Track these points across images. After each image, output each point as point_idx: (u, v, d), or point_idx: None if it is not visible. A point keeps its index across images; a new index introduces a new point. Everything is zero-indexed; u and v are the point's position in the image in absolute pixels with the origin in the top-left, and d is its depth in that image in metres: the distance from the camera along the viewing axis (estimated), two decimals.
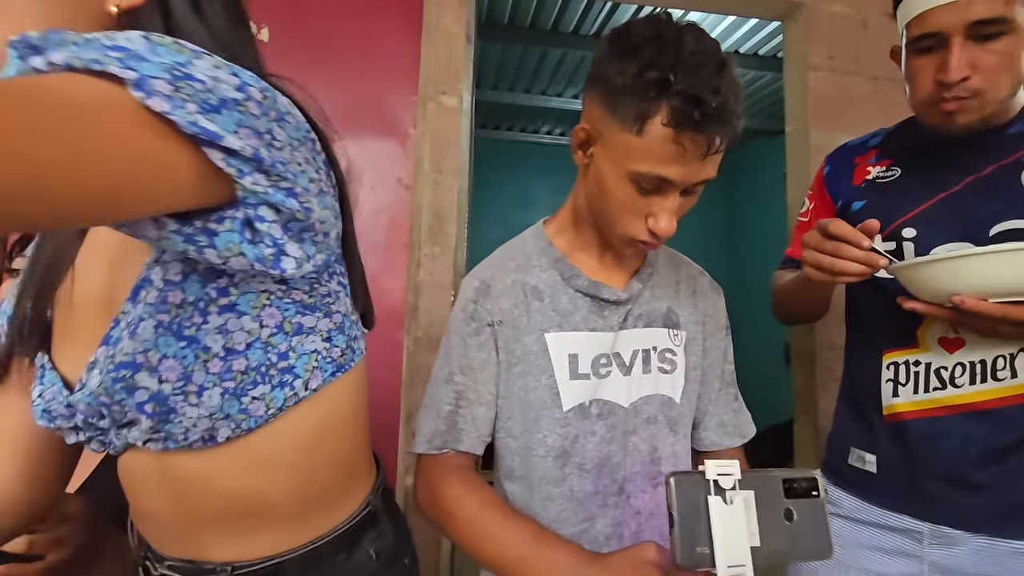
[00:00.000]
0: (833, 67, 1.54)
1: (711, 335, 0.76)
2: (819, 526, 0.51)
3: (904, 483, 0.81)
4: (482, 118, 4.70)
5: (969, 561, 0.75)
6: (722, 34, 3.13)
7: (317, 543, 0.52)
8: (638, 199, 0.59)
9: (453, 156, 1.41)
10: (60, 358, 0.47)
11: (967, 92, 0.73)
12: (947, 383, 0.77)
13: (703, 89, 0.52)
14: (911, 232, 0.80)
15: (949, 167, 0.81)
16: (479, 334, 0.67)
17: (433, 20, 1.44)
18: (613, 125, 0.57)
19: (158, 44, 0.35)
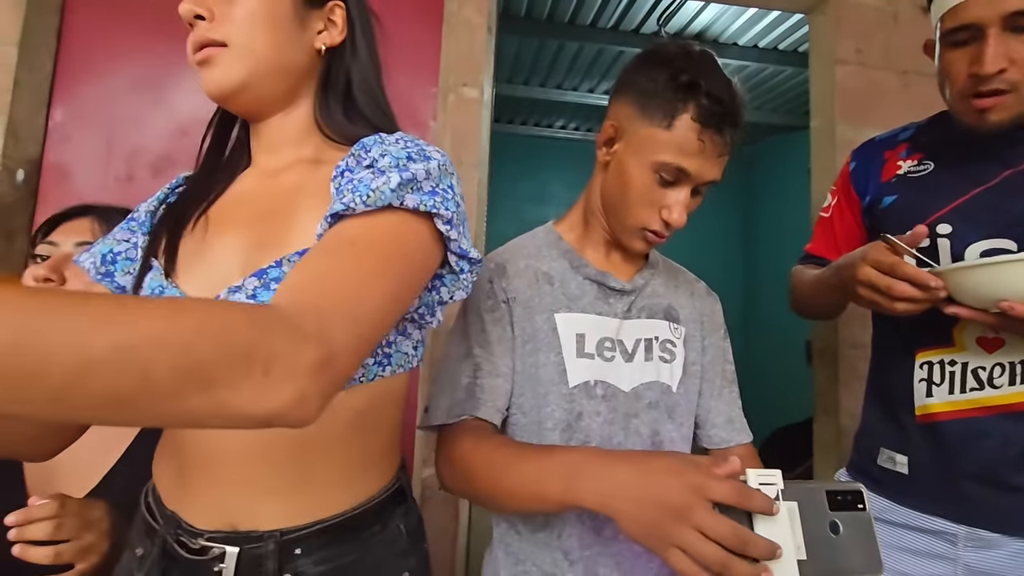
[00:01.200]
0: (861, 61, 1.51)
1: (709, 335, 0.80)
2: (867, 540, 0.49)
3: (938, 484, 0.79)
4: (497, 111, 4.67)
5: (1006, 565, 0.73)
6: (742, 28, 3.09)
7: (357, 510, 0.54)
8: (656, 190, 0.67)
9: (473, 148, 1.41)
10: (185, 278, 0.54)
11: (1005, 84, 0.72)
12: (985, 383, 0.75)
13: (725, 95, 0.63)
14: (946, 228, 0.78)
15: (985, 161, 0.79)
16: (495, 310, 0.70)
17: (454, 10, 1.43)
18: (642, 121, 0.66)
19: (447, 178, 0.52)
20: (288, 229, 0.54)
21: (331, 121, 0.60)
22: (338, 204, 0.46)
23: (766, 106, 4.19)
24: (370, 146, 0.54)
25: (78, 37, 1.35)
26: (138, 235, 0.61)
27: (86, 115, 1.34)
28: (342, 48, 0.61)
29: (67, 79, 1.34)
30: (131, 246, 0.61)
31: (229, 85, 0.55)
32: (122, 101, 1.35)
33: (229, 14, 0.54)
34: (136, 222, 0.62)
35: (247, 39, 0.54)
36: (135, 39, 1.35)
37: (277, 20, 0.56)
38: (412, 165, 0.49)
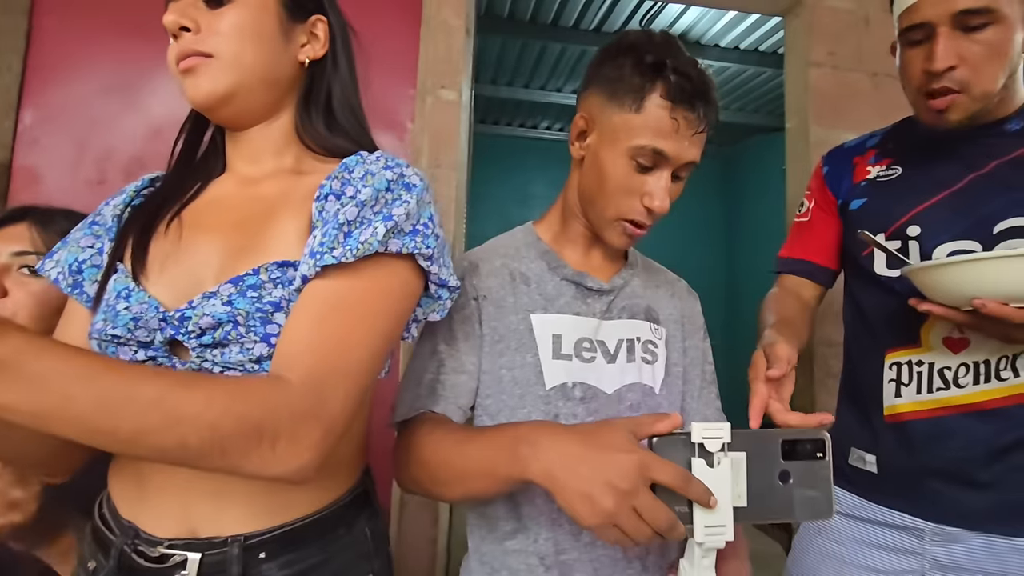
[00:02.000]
0: (834, 63, 1.53)
1: (690, 336, 0.79)
2: (820, 487, 0.49)
3: (906, 482, 0.81)
4: (480, 113, 4.68)
5: (971, 558, 0.75)
6: (722, 30, 3.12)
7: (321, 513, 0.54)
8: (635, 177, 0.65)
9: (452, 150, 1.41)
10: (156, 281, 0.54)
11: (954, 84, 0.73)
12: (950, 383, 0.77)
13: (692, 71, 0.62)
14: (916, 230, 0.80)
15: (951, 164, 0.81)
16: (464, 308, 0.69)
17: (432, 13, 1.42)
18: (612, 109, 0.65)
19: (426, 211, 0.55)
20: (266, 237, 0.55)
21: (312, 133, 0.62)
22: (330, 257, 0.48)
23: (747, 107, 4.24)
24: (352, 167, 0.56)
25: (47, 39, 1.32)
26: (103, 240, 0.59)
27: (56, 118, 1.31)
28: (324, 61, 0.62)
29: (36, 81, 1.31)
30: (95, 252, 0.59)
31: (215, 95, 0.55)
32: (93, 103, 1.32)
33: (215, 26, 0.54)
34: (101, 226, 0.60)
35: (235, 51, 0.55)
36: (106, 41, 1.33)
37: (264, 33, 0.56)
38: (395, 209, 0.52)
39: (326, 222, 0.51)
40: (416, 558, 1.32)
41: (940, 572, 0.77)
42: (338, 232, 0.50)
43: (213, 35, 0.54)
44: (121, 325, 0.50)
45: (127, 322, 0.50)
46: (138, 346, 0.50)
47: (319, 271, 0.49)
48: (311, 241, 0.51)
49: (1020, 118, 0.78)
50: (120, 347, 0.50)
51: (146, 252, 0.55)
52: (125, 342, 0.50)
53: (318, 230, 0.51)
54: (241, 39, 0.55)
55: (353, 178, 0.55)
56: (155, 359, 0.51)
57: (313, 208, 0.54)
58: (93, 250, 0.58)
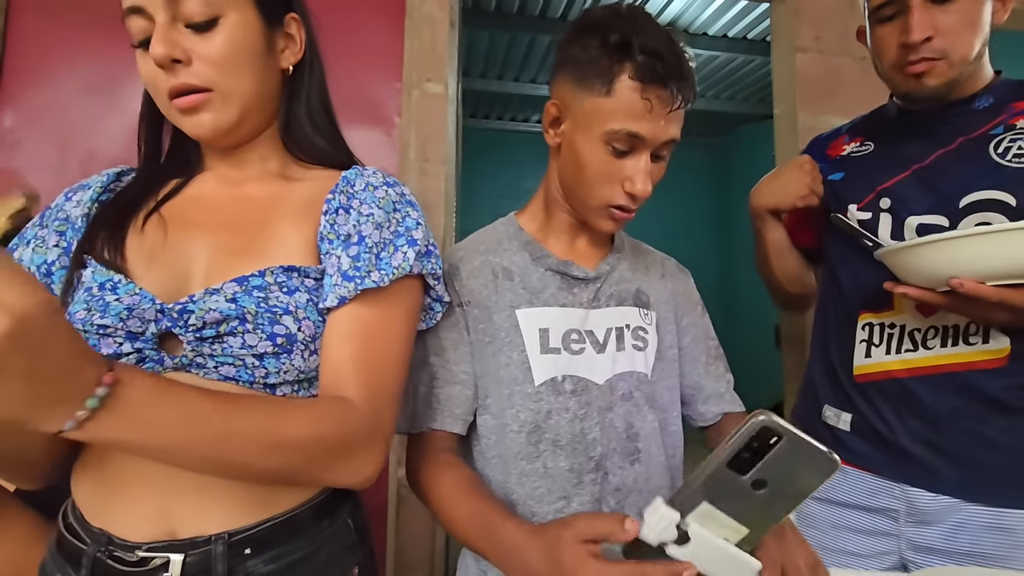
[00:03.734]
0: (820, 48, 1.53)
1: (686, 314, 0.78)
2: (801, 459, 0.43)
3: (877, 443, 0.82)
4: (471, 107, 4.66)
5: (945, 539, 0.76)
6: (710, 18, 3.11)
7: (305, 506, 0.54)
8: (612, 162, 0.63)
9: (440, 144, 1.40)
10: (143, 275, 0.53)
11: (933, 53, 0.74)
12: (919, 345, 0.78)
13: (662, 48, 0.59)
14: (887, 203, 0.81)
15: (920, 141, 0.82)
16: (450, 315, 0.68)
17: (416, 5, 1.41)
18: (582, 94, 0.63)
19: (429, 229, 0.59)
20: (266, 240, 0.55)
21: (298, 138, 0.62)
22: (369, 282, 0.53)
23: (737, 96, 4.24)
24: (354, 180, 0.58)
25: (25, 39, 1.30)
26: (71, 241, 0.57)
27: (36, 119, 1.30)
28: (302, 64, 0.62)
29: (15, 83, 1.30)
30: (62, 252, 0.57)
31: (223, 128, 0.55)
32: (74, 104, 1.31)
33: (205, 54, 0.52)
34: (66, 223, 0.58)
35: (232, 82, 0.54)
36: (86, 40, 1.31)
37: (253, 53, 0.55)
38: (416, 233, 0.57)
39: (349, 244, 0.54)
40: (416, 551, 1.32)
41: (916, 553, 0.78)
42: (370, 255, 0.54)
43: (206, 65, 0.52)
44: (112, 315, 0.49)
45: (119, 312, 0.49)
46: (125, 337, 0.49)
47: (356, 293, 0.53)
48: (337, 263, 0.54)
49: (988, 95, 0.80)
50: (103, 338, 0.49)
51: (122, 246, 0.54)
52: (111, 333, 0.49)
53: (340, 249, 0.54)
54: (235, 67, 0.54)
55: (357, 191, 0.57)
56: (141, 352, 0.50)
57: (323, 220, 0.56)
58: (59, 250, 0.56)
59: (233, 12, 0.54)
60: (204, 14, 0.52)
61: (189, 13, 0.52)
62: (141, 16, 0.52)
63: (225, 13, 0.53)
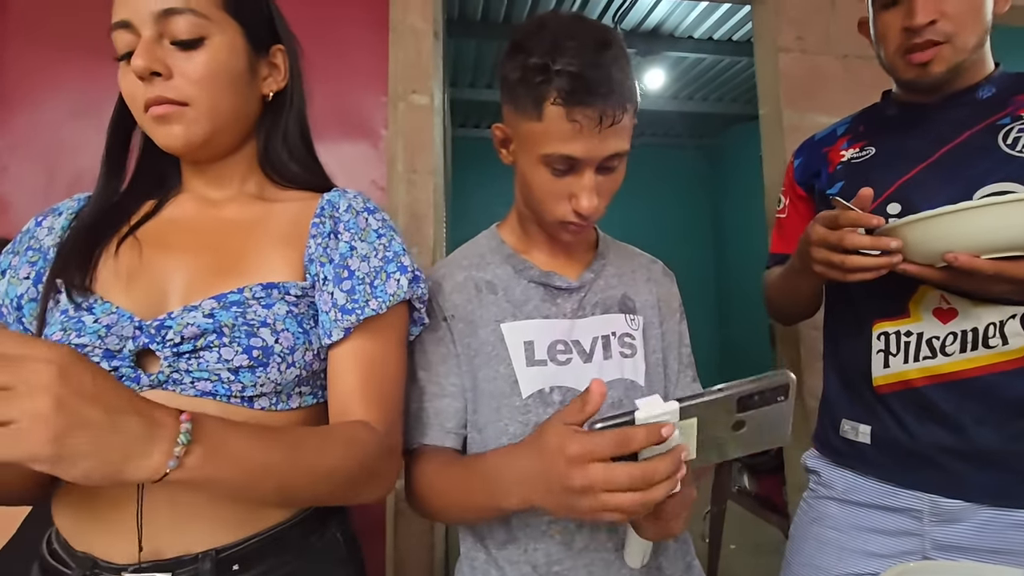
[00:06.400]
0: (803, 48, 1.54)
1: (666, 319, 0.78)
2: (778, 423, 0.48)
3: (899, 454, 0.80)
4: (461, 117, 4.68)
5: (971, 536, 0.74)
6: (695, 21, 3.14)
7: (293, 520, 0.55)
8: (556, 182, 0.62)
9: (427, 155, 1.40)
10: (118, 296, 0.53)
11: (938, 35, 0.74)
12: (938, 352, 0.76)
13: (582, 66, 0.57)
14: (896, 208, 0.79)
15: (924, 137, 0.81)
16: (436, 330, 0.69)
17: (400, 17, 1.42)
18: (518, 118, 0.62)
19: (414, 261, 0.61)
20: (248, 261, 0.56)
21: (277, 162, 0.63)
22: (369, 310, 0.55)
23: (726, 97, 4.27)
24: (337, 203, 0.61)
25: (12, 66, 1.31)
26: (41, 272, 0.57)
27: (25, 144, 1.30)
28: (284, 91, 0.63)
29: (3, 108, 1.30)
30: (31, 284, 0.56)
31: (192, 144, 0.56)
32: (61, 128, 1.31)
33: (187, 71, 0.53)
34: (37, 252, 0.57)
35: (209, 100, 0.54)
36: (73, 65, 1.32)
37: (234, 76, 0.56)
38: (404, 260, 0.60)
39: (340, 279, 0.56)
40: (414, 564, 1.31)
41: (940, 552, 0.76)
42: (364, 286, 0.56)
43: (186, 81, 0.53)
44: (90, 333, 0.49)
45: (97, 330, 0.49)
46: (103, 355, 0.49)
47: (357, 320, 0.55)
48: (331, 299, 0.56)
49: (991, 84, 0.79)
50: None
51: (94, 268, 0.54)
52: (89, 352, 0.49)
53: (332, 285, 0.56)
54: (215, 86, 0.55)
55: (341, 215, 0.60)
56: (118, 370, 0.50)
57: (311, 243, 0.58)
58: (29, 282, 0.56)
59: (220, 35, 0.55)
60: (190, 33, 0.53)
61: (176, 31, 0.53)
62: (128, 31, 0.53)
63: (212, 35, 0.54)
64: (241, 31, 0.57)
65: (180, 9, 0.52)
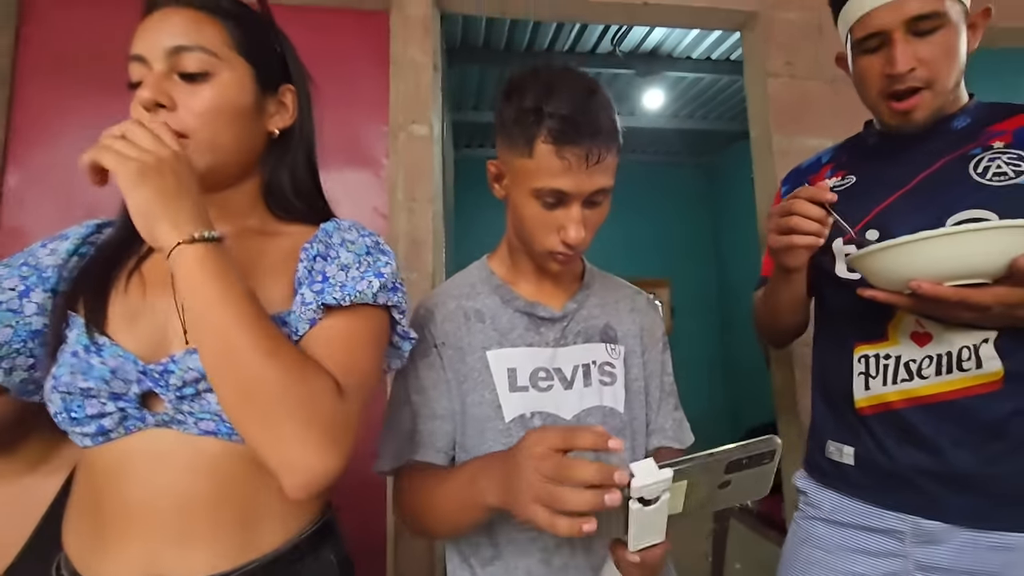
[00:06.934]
0: (792, 72, 1.58)
1: (648, 348, 0.81)
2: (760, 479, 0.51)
3: (881, 475, 0.82)
4: (465, 139, 4.76)
5: (952, 558, 0.75)
6: (691, 43, 3.20)
7: (288, 545, 0.56)
8: (546, 215, 0.67)
9: (426, 183, 1.44)
10: (123, 337, 0.55)
11: (918, 82, 0.78)
12: (914, 374, 0.78)
13: (572, 110, 0.63)
14: (874, 234, 0.82)
15: (901, 166, 0.84)
16: (427, 355, 0.72)
17: (400, 51, 1.48)
18: (512, 155, 0.67)
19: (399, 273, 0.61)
20: None
21: (280, 198, 0.65)
22: (330, 298, 0.55)
23: (724, 116, 4.32)
24: (331, 232, 0.62)
25: (30, 104, 1.37)
26: (32, 288, 0.57)
27: (41, 178, 1.36)
28: (291, 129, 0.65)
29: (20, 145, 1.36)
30: (16, 296, 0.56)
31: None
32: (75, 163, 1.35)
33: (191, 104, 0.55)
34: (32, 269, 0.58)
35: (210, 134, 0.56)
36: (86, 101, 1.38)
37: (240, 113, 0.58)
38: (383, 269, 0.59)
39: (315, 281, 0.57)
40: None
41: (924, 573, 0.77)
42: (335, 284, 0.56)
43: (189, 114, 0.55)
44: (96, 377, 0.51)
45: (103, 374, 0.51)
46: (108, 397, 0.52)
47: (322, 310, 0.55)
48: (304, 295, 0.56)
49: (965, 115, 0.82)
50: (88, 399, 0.52)
51: (106, 306, 0.55)
52: (95, 394, 0.52)
53: (306, 287, 0.56)
54: (217, 121, 0.56)
55: (333, 242, 0.60)
56: (124, 410, 0.52)
57: (300, 268, 0.58)
58: (14, 293, 0.56)
59: (228, 72, 0.57)
60: (198, 68, 0.55)
61: (185, 66, 0.55)
62: (142, 64, 0.56)
63: (219, 71, 0.56)
64: (250, 70, 0.59)
65: (190, 46, 0.55)
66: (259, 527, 0.55)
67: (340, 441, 0.49)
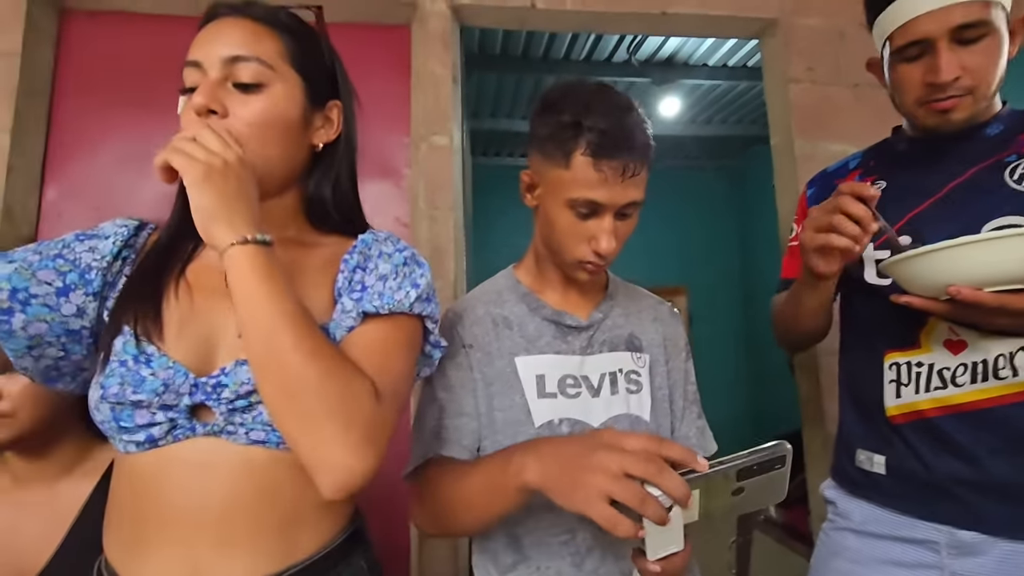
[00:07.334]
0: (813, 78, 1.57)
1: (672, 358, 0.82)
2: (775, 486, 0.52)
3: (915, 485, 0.80)
4: (483, 146, 4.79)
5: (991, 570, 0.74)
6: (708, 51, 3.19)
7: (323, 551, 0.57)
8: (579, 224, 0.69)
9: (447, 192, 1.46)
10: (173, 345, 0.55)
11: (960, 91, 0.76)
12: (948, 382, 0.77)
13: (609, 124, 0.65)
14: (906, 240, 0.81)
15: (933, 173, 0.83)
16: (455, 356, 0.74)
17: (421, 65, 1.50)
18: (548, 166, 0.69)
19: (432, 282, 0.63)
20: None
21: (321, 211, 0.66)
22: (369, 306, 0.56)
23: (745, 120, 4.29)
24: (370, 243, 0.63)
25: (67, 119, 1.43)
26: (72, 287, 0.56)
27: (77, 192, 1.41)
28: (336, 144, 0.66)
29: (58, 159, 1.41)
30: (53, 292, 0.55)
31: None
32: (111, 175, 1.41)
33: (243, 114, 0.55)
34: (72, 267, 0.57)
35: (259, 147, 0.56)
36: (122, 117, 1.43)
37: (287, 126, 0.58)
38: (420, 280, 0.60)
39: (354, 290, 0.58)
40: None
41: None
42: (373, 293, 0.57)
43: (240, 123, 0.55)
44: (148, 391, 0.52)
45: (156, 387, 0.52)
46: (159, 408, 0.52)
47: (361, 318, 0.56)
48: (344, 304, 0.57)
49: (999, 122, 0.81)
50: (138, 410, 0.52)
51: (159, 315, 0.56)
52: (147, 406, 0.52)
53: (346, 296, 0.58)
54: (266, 132, 0.57)
55: (372, 254, 0.62)
56: (174, 420, 0.53)
57: (340, 279, 0.60)
58: (51, 289, 0.55)
59: (281, 84, 0.58)
60: (252, 78, 0.56)
61: (240, 75, 0.56)
62: (198, 69, 0.57)
63: (272, 83, 0.57)
64: (302, 84, 0.60)
65: (247, 57, 0.56)
66: (297, 534, 0.56)
67: (376, 442, 0.50)
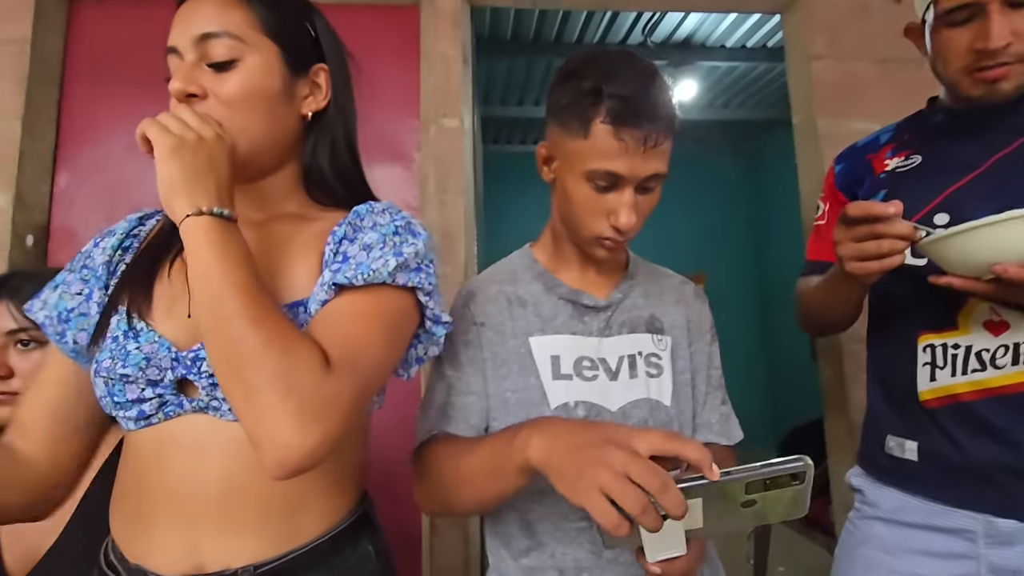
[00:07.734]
0: (837, 54, 1.51)
1: (695, 340, 0.78)
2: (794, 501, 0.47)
3: (949, 471, 0.77)
4: (493, 133, 4.75)
5: None
6: (726, 31, 3.11)
7: (327, 535, 0.56)
8: (597, 198, 0.65)
9: (457, 176, 1.44)
10: (164, 322, 0.56)
11: (1011, 57, 0.73)
12: (987, 364, 0.74)
13: (632, 90, 0.62)
14: (944, 218, 0.76)
15: (973, 145, 0.78)
16: (466, 333, 0.72)
17: (430, 46, 1.47)
18: (566, 137, 0.66)
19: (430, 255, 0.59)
20: (278, 281, 0.57)
21: (319, 183, 0.64)
22: (342, 277, 0.52)
23: (763, 103, 4.19)
24: (363, 214, 0.60)
25: (78, 106, 1.43)
26: (92, 287, 0.59)
27: (88, 179, 1.41)
28: (327, 111, 0.63)
29: (69, 146, 1.41)
30: (83, 299, 0.59)
31: None
32: (122, 162, 1.41)
33: (221, 92, 0.55)
34: (90, 271, 0.60)
35: (242, 121, 0.55)
36: (132, 102, 1.42)
37: (269, 98, 0.57)
38: (405, 248, 0.56)
39: (336, 262, 0.55)
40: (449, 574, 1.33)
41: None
42: (352, 264, 0.54)
43: (218, 103, 0.55)
44: (132, 364, 0.52)
45: (139, 361, 0.52)
46: (146, 383, 0.53)
47: (334, 290, 0.53)
48: (324, 277, 0.54)
49: None
50: (128, 385, 0.53)
51: (150, 294, 0.56)
52: (133, 380, 0.52)
53: (327, 269, 0.55)
54: (247, 108, 0.56)
55: (363, 224, 0.58)
56: (162, 396, 0.53)
57: (326, 250, 0.57)
58: (81, 297, 0.59)
59: (255, 56, 0.56)
60: (225, 55, 0.55)
61: (213, 54, 0.55)
62: (176, 56, 0.56)
63: (245, 56, 0.56)
64: (278, 52, 0.58)
65: (217, 33, 0.55)
66: (301, 517, 0.55)
67: (322, 418, 0.45)
